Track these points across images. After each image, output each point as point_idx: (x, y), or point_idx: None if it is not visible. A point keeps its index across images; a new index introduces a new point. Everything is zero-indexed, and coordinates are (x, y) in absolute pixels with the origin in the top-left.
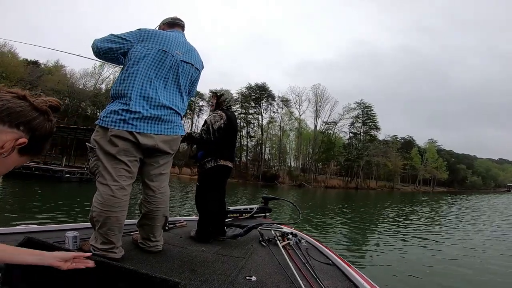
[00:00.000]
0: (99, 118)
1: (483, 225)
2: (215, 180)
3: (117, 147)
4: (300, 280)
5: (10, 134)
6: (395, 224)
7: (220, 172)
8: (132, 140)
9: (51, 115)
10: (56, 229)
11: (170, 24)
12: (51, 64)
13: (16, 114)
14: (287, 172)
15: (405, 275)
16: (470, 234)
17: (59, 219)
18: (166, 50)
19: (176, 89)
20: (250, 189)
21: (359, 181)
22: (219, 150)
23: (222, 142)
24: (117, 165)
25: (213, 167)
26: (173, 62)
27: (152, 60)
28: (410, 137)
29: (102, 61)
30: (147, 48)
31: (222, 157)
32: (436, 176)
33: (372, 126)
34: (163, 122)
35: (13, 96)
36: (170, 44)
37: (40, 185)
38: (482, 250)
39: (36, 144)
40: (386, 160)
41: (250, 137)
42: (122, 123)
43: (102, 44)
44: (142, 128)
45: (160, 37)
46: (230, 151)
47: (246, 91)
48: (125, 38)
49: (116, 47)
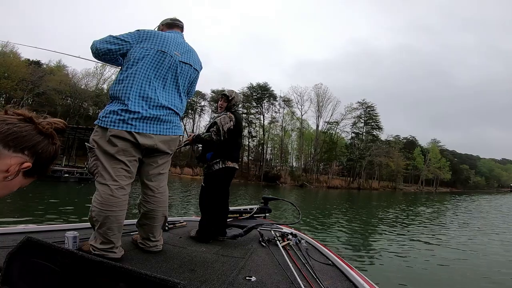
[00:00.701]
0: (98, 118)
1: (490, 226)
2: (222, 182)
3: (116, 147)
4: (300, 281)
5: (15, 159)
6: (397, 225)
7: (227, 174)
8: (131, 140)
9: (56, 138)
10: (56, 229)
11: (169, 25)
12: (53, 65)
13: (21, 139)
14: (288, 172)
15: (406, 277)
16: (476, 236)
17: (54, 222)
18: (165, 51)
19: (175, 90)
20: (252, 189)
21: (361, 182)
22: (228, 151)
23: (230, 143)
24: (116, 165)
25: (221, 168)
26: (171, 62)
27: (151, 61)
28: (412, 137)
29: (100, 62)
30: (146, 48)
31: (229, 159)
32: (439, 177)
33: (374, 126)
34: (162, 122)
35: (19, 119)
36: (168, 44)
37: (37, 185)
38: (488, 253)
39: (41, 167)
40: (389, 160)
41: (252, 137)
42: (121, 123)
43: (101, 46)
44: (141, 128)
45: (159, 38)
46: (236, 153)
47: (247, 91)
48: (124, 39)
49: (115, 48)
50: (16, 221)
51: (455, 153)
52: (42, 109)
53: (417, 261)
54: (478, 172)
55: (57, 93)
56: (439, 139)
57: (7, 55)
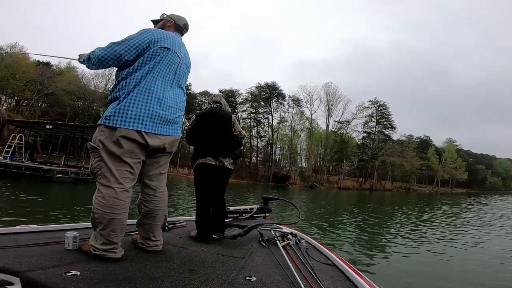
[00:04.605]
0: (104, 118)
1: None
2: (198, 178)
3: (122, 149)
4: (300, 281)
5: None
6: (412, 228)
7: (203, 170)
8: (140, 141)
9: None
10: (55, 229)
11: (178, 28)
12: (63, 66)
13: None
14: (298, 172)
15: (409, 279)
16: (490, 240)
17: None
18: (176, 51)
19: (181, 90)
20: (260, 191)
21: (374, 182)
22: (196, 149)
23: (197, 141)
24: (122, 167)
25: (195, 166)
26: (178, 63)
27: (161, 61)
28: (426, 136)
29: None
30: (157, 48)
31: (200, 156)
32: (456, 177)
33: (387, 125)
34: (170, 123)
35: None
36: (176, 45)
37: (20, 187)
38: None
39: None
40: (403, 160)
41: (260, 137)
42: (131, 122)
43: (105, 54)
44: (151, 128)
45: (168, 38)
46: (206, 148)
47: (256, 90)
48: (132, 46)
49: (133, 57)
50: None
51: (470, 153)
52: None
53: (427, 266)
54: (494, 173)
55: (66, 94)
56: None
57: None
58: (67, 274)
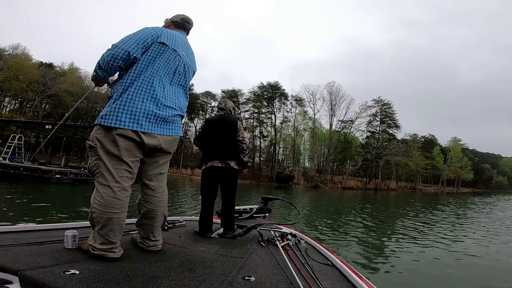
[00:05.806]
0: (100, 117)
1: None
2: (206, 179)
3: (120, 147)
4: (299, 281)
5: None
6: (413, 228)
7: (211, 172)
8: (136, 140)
9: None
10: (55, 228)
11: (177, 24)
12: (66, 67)
13: None
14: (302, 173)
15: (409, 280)
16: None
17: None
18: (176, 50)
19: (182, 90)
20: (263, 191)
21: (378, 182)
22: (205, 152)
23: (206, 145)
24: (119, 165)
25: (204, 168)
26: (179, 62)
27: (161, 60)
28: (431, 135)
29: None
30: (158, 47)
31: (208, 159)
32: (461, 176)
33: (391, 124)
34: (167, 122)
35: None
36: (178, 44)
37: (17, 188)
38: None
39: None
40: (407, 159)
41: (263, 137)
42: (128, 122)
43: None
44: (147, 128)
45: (170, 36)
46: (215, 152)
47: (258, 90)
48: (143, 43)
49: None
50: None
51: (475, 152)
52: (54, 110)
53: (431, 268)
54: (500, 172)
55: (69, 95)
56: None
57: (18, 57)
58: (66, 273)
